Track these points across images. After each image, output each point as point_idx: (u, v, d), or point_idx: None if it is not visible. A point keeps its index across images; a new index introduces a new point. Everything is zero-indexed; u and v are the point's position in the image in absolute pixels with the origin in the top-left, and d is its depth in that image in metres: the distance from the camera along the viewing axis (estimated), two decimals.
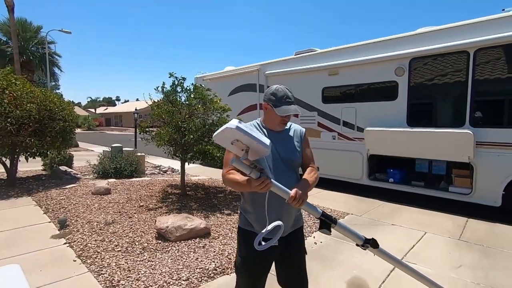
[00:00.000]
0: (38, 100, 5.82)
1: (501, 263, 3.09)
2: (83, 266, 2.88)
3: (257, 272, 1.63)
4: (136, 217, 4.20)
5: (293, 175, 1.60)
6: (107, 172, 6.86)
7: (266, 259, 1.62)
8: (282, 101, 1.54)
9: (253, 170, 1.26)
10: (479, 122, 4.47)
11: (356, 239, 1.49)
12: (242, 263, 1.63)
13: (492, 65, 4.34)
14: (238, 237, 1.71)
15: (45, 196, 5.21)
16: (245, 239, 1.62)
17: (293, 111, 1.54)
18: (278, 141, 1.60)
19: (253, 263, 1.60)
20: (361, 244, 1.50)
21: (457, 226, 4.07)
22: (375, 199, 5.34)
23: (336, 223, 1.42)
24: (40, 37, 21.46)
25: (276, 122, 1.59)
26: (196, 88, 5.26)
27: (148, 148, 6.06)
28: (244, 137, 1.21)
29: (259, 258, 1.57)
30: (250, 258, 1.59)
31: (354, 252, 3.24)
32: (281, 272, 1.69)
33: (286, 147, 1.61)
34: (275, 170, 1.54)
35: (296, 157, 1.62)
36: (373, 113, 5.51)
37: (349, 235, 1.49)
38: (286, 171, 1.57)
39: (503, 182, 4.29)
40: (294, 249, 1.65)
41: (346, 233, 1.48)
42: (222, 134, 1.24)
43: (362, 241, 1.49)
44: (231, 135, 1.22)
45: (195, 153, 5.02)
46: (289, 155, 1.59)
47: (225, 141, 1.26)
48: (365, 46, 5.64)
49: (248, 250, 1.56)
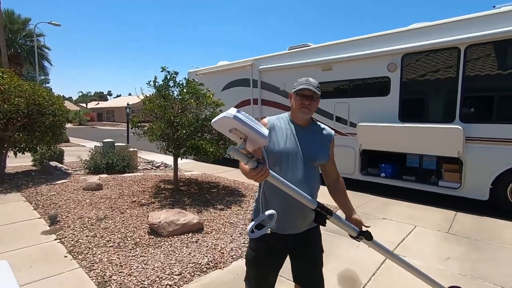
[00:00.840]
0: (27, 94, 5.69)
1: (488, 255, 3.18)
2: (74, 262, 2.86)
3: (268, 267, 1.62)
4: (129, 212, 4.17)
5: (312, 175, 1.56)
6: (98, 167, 6.78)
7: (279, 254, 1.61)
8: (302, 83, 1.53)
9: (250, 160, 1.24)
10: (468, 118, 4.54)
11: (351, 231, 1.49)
12: (253, 255, 1.62)
13: (483, 61, 4.40)
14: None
15: (35, 192, 5.13)
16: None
17: (304, 85, 1.51)
18: (303, 137, 1.56)
19: (264, 257, 1.59)
20: (355, 236, 1.50)
21: (446, 220, 4.16)
22: (367, 193, 5.41)
23: (332, 215, 1.41)
24: (28, 29, 20.95)
25: (296, 106, 1.55)
26: (189, 83, 5.21)
27: (141, 143, 6.00)
28: (241, 127, 1.19)
29: (270, 252, 1.56)
30: (260, 251, 1.59)
31: (347, 246, 3.28)
32: (295, 269, 1.66)
33: (310, 144, 1.56)
34: (295, 167, 1.51)
35: (318, 157, 1.57)
36: (365, 108, 5.55)
37: (344, 227, 1.48)
38: (306, 170, 1.53)
39: (491, 176, 4.38)
40: (310, 246, 1.63)
41: (341, 225, 1.47)
42: (220, 121, 1.22)
43: (356, 232, 1.50)
44: (228, 124, 1.21)
45: (188, 148, 4.99)
46: (311, 153, 1.55)
47: (223, 128, 1.25)
48: (358, 42, 5.65)
49: (260, 243, 1.56)
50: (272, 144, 1.52)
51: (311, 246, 1.63)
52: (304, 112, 1.54)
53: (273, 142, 1.52)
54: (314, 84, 1.53)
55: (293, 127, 1.58)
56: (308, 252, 1.62)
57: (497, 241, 3.49)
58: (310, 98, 1.52)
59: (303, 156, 1.53)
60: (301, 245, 1.60)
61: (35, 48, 18.20)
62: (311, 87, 1.51)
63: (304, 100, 1.52)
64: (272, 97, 7.11)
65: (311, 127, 1.62)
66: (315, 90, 1.52)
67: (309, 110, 1.54)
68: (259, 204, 1.62)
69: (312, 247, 1.64)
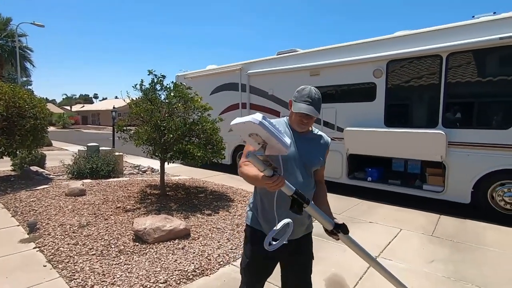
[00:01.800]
0: (6, 96, 5.50)
1: (469, 256, 3.26)
2: (54, 271, 2.74)
3: (263, 273, 1.60)
4: (113, 219, 4.05)
5: (309, 180, 1.57)
6: (82, 172, 6.58)
7: (274, 260, 1.59)
8: (301, 99, 1.50)
9: (267, 168, 1.22)
10: (450, 123, 4.69)
11: (327, 223, 1.46)
12: (248, 262, 1.59)
13: (463, 69, 4.56)
14: (246, 235, 1.66)
15: (13, 198, 4.92)
16: (253, 238, 1.58)
17: (304, 110, 1.47)
18: (301, 143, 1.56)
19: (260, 263, 1.57)
20: (330, 229, 1.47)
21: (431, 223, 4.25)
22: (354, 197, 5.47)
23: (309, 204, 1.36)
24: (9, 29, 20.31)
25: (295, 120, 1.56)
26: (176, 86, 5.16)
27: (127, 147, 5.88)
28: (265, 133, 1.18)
29: (267, 259, 1.54)
30: (256, 258, 1.56)
31: (334, 249, 3.30)
32: (285, 275, 1.65)
33: (308, 150, 1.57)
34: (291, 171, 1.50)
35: (316, 163, 1.58)
36: (352, 113, 5.64)
37: (320, 219, 1.45)
38: (304, 175, 1.53)
39: (472, 180, 4.52)
40: (302, 253, 1.62)
41: (318, 216, 1.44)
42: (243, 125, 1.19)
43: (332, 225, 1.46)
44: (250, 128, 1.19)
45: (175, 152, 4.92)
46: (309, 159, 1.55)
47: (242, 131, 1.23)
48: (345, 48, 5.76)
49: (256, 249, 1.54)
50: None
51: (304, 253, 1.63)
52: (302, 128, 1.57)
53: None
54: (315, 101, 1.49)
55: (292, 133, 1.58)
56: (300, 259, 1.62)
57: (478, 243, 3.58)
58: (309, 117, 1.52)
59: (301, 162, 1.53)
60: (295, 252, 1.59)
61: (17, 49, 17.62)
62: (309, 110, 1.47)
63: (302, 118, 1.52)
64: (260, 101, 7.13)
65: (309, 134, 1.64)
66: (316, 114, 1.49)
67: (306, 126, 1.57)
68: (256, 211, 1.60)
69: (305, 254, 1.63)
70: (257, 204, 1.59)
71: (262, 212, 1.55)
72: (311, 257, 1.67)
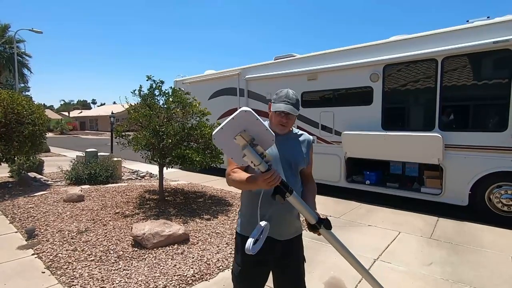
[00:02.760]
0: (5, 103, 5.51)
1: (467, 258, 3.27)
2: (52, 277, 2.73)
3: (256, 280, 1.59)
4: (111, 224, 4.05)
5: (296, 180, 1.59)
6: (80, 178, 6.57)
7: (266, 265, 1.58)
8: (279, 100, 1.53)
9: (262, 161, 1.21)
10: (447, 126, 4.73)
11: (310, 216, 1.44)
12: (240, 269, 1.58)
13: (459, 72, 4.61)
14: (236, 243, 1.66)
15: (11, 204, 4.90)
16: (243, 245, 1.54)
17: (283, 108, 1.50)
18: (284, 144, 1.58)
19: (252, 270, 1.56)
20: (313, 223, 1.44)
21: (429, 225, 4.27)
22: (352, 200, 5.49)
23: (292, 194, 1.34)
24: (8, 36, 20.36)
25: (275, 122, 1.57)
26: (174, 92, 5.19)
27: (125, 152, 5.88)
28: (256, 121, 1.19)
29: (258, 264, 1.54)
30: (248, 264, 1.55)
31: (332, 253, 3.30)
32: (278, 280, 1.65)
33: (292, 150, 1.60)
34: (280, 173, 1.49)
35: (299, 162, 1.60)
36: (350, 117, 5.68)
37: (303, 211, 1.42)
38: (290, 175, 1.55)
39: (469, 182, 4.54)
40: (292, 256, 1.62)
41: (300, 208, 1.41)
42: (232, 123, 1.20)
43: (315, 219, 1.44)
44: (240, 123, 1.20)
45: (174, 157, 4.93)
46: (295, 159, 1.58)
47: (230, 133, 1.22)
48: (342, 53, 5.82)
49: (246, 256, 1.51)
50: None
51: (295, 256, 1.63)
52: (281, 129, 1.57)
53: None
54: (293, 101, 1.53)
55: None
56: (292, 262, 1.62)
57: (476, 245, 3.60)
58: (288, 116, 1.54)
59: (285, 162, 1.55)
60: (286, 255, 1.59)
61: (15, 55, 17.64)
62: (289, 106, 1.51)
63: (282, 118, 1.54)
64: (258, 106, 7.15)
65: (289, 134, 1.65)
66: (294, 111, 1.52)
67: (286, 127, 1.58)
68: (244, 217, 1.61)
69: (295, 257, 1.63)
70: (245, 210, 1.61)
71: (250, 217, 1.55)
72: (302, 260, 1.67)
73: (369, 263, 3.11)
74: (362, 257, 3.20)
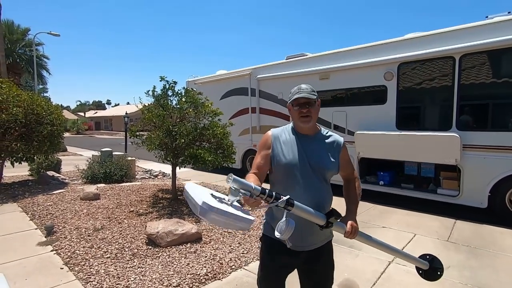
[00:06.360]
0: (25, 104, 5.70)
1: (487, 262, 3.16)
2: (70, 273, 2.81)
3: (277, 282, 1.55)
4: (126, 222, 4.13)
5: (323, 186, 1.48)
6: (96, 177, 6.74)
7: (289, 269, 1.55)
8: (293, 94, 1.48)
9: (234, 201, 1.18)
10: (465, 126, 4.58)
11: (317, 219, 1.34)
12: (265, 272, 1.54)
13: (477, 70, 4.47)
14: (262, 246, 1.59)
15: (31, 202, 5.07)
16: (269, 247, 1.52)
17: (298, 95, 1.44)
18: (309, 147, 1.49)
19: (277, 272, 1.53)
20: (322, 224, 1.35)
21: (445, 228, 4.15)
22: (366, 201, 5.40)
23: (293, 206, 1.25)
24: (27, 39, 21.09)
25: (296, 117, 1.48)
26: (187, 92, 5.24)
27: (139, 152, 5.99)
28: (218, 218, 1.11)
29: (281, 269, 1.52)
30: (274, 267, 1.52)
31: (345, 254, 3.26)
32: (304, 284, 1.59)
33: (317, 154, 1.48)
34: (303, 180, 1.43)
35: (327, 166, 1.48)
36: (363, 117, 5.59)
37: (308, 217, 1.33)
38: (316, 181, 1.45)
39: (489, 184, 4.39)
40: (320, 262, 1.54)
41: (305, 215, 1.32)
42: (192, 204, 1.19)
43: (324, 220, 1.35)
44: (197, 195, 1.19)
45: (186, 157, 4.98)
46: (319, 163, 1.46)
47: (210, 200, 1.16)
48: (355, 51, 5.73)
49: (271, 258, 1.51)
50: (279, 156, 1.47)
51: (323, 262, 1.56)
52: (304, 122, 1.47)
53: (279, 154, 1.48)
54: (308, 89, 1.47)
55: (298, 137, 1.51)
56: (319, 267, 1.55)
57: (496, 249, 3.47)
58: (307, 105, 1.45)
59: (310, 166, 1.45)
60: (314, 260, 1.52)
61: (34, 57, 18.25)
62: (304, 93, 1.44)
63: (302, 109, 1.45)
64: (270, 105, 7.16)
65: (317, 135, 1.55)
66: (310, 96, 1.45)
67: (310, 117, 1.47)
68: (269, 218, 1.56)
69: (324, 263, 1.56)
70: (270, 210, 1.56)
71: (275, 218, 1.49)
72: (331, 267, 1.59)
73: (384, 265, 3.05)
74: (377, 259, 3.15)
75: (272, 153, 1.49)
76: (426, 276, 1.81)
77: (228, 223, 1.14)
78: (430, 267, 1.78)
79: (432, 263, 1.79)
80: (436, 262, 1.79)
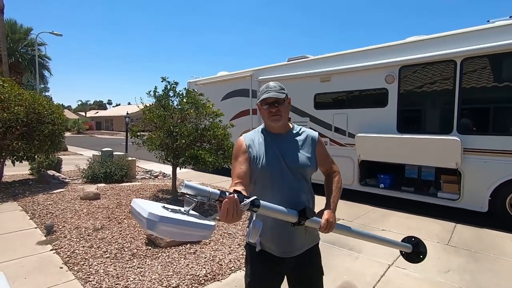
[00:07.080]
0: (27, 103, 5.72)
1: (487, 266, 3.15)
2: (69, 273, 2.81)
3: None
4: (126, 222, 4.13)
5: (302, 185, 1.44)
6: (96, 176, 6.74)
7: (279, 276, 1.50)
8: (263, 93, 1.43)
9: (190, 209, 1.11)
10: (466, 129, 4.58)
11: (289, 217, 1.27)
12: (252, 281, 1.49)
13: (478, 74, 4.47)
14: (247, 254, 1.54)
15: (31, 201, 5.08)
16: (254, 255, 1.45)
17: (264, 96, 1.40)
18: (283, 146, 1.44)
19: (265, 279, 1.47)
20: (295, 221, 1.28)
21: (446, 231, 4.14)
22: (366, 204, 5.39)
23: (259, 207, 1.18)
24: (29, 39, 21.17)
25: (265, 116, 1.45)
26: (188, 93, 5.26)
27: (139, 152, 5.99)
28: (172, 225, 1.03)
29: (268, 277, 1.47)
30: (261, 274, 1.47)
31: (344, 257, 3.25)
32: None
33: (292, 152, 1.45)
34: (281, 180, 1.39)
35: (303, 163, 1.44)
36: (364, 119, 5.59)
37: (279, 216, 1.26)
38: (293, 180, 1.41)
39: (489, 188, 4.38)
40: (308, 268, 1.49)
41: (275, 214, 1.24)
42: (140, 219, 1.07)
43: (296, 217, 1.28)
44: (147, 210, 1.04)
45: (187, 158, 4.99)
46: (294, 161, 1.42)
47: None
48: (356, 54, 5.74)
49: (258, 265, 1.46)
50: (254, 159, 1.42)
51: (311, 267, 1.52)
52: (274, 120, 1.43)
53: (254, 157, 1.43)
54: (276, 88, 1.42)
55: (270, 137, 1.47)
56: (308, 275, 1.51)
57: (496, 253, 3.46)
58: (276, 104, 1.41)
59: (287, 165, 1.41)
60: (301, 267, 1.48)
61: (36, 57, 18.31)
62: (272, 92, 1.40)
63: (271, 108, 1.41)
64: None
65: (289, 133, 1.51)
66: (278, 95, 1.40)
67: (280, 116, 1.43)
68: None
69: (312, 268, 1.52)
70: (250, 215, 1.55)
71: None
72: (320, 272, 1.55)
73: (384, 268, 3.04)
74: (377, 262, 3.14)
75: (248, 156, 1.43)
76: (408, 258, 1.84)
77: (185, 233, 1.05)
78: (413, 251, 1.81)
79: (416, 247, 1.81)
80: (420, 246, 1.82)
